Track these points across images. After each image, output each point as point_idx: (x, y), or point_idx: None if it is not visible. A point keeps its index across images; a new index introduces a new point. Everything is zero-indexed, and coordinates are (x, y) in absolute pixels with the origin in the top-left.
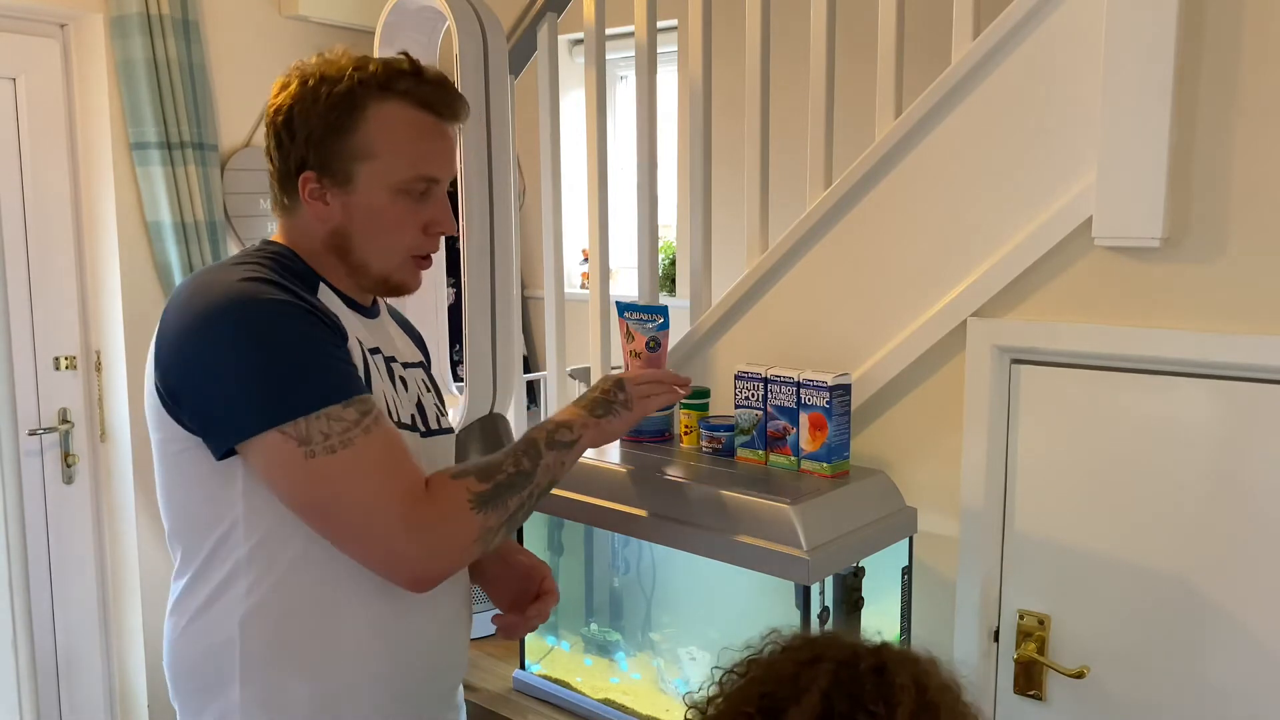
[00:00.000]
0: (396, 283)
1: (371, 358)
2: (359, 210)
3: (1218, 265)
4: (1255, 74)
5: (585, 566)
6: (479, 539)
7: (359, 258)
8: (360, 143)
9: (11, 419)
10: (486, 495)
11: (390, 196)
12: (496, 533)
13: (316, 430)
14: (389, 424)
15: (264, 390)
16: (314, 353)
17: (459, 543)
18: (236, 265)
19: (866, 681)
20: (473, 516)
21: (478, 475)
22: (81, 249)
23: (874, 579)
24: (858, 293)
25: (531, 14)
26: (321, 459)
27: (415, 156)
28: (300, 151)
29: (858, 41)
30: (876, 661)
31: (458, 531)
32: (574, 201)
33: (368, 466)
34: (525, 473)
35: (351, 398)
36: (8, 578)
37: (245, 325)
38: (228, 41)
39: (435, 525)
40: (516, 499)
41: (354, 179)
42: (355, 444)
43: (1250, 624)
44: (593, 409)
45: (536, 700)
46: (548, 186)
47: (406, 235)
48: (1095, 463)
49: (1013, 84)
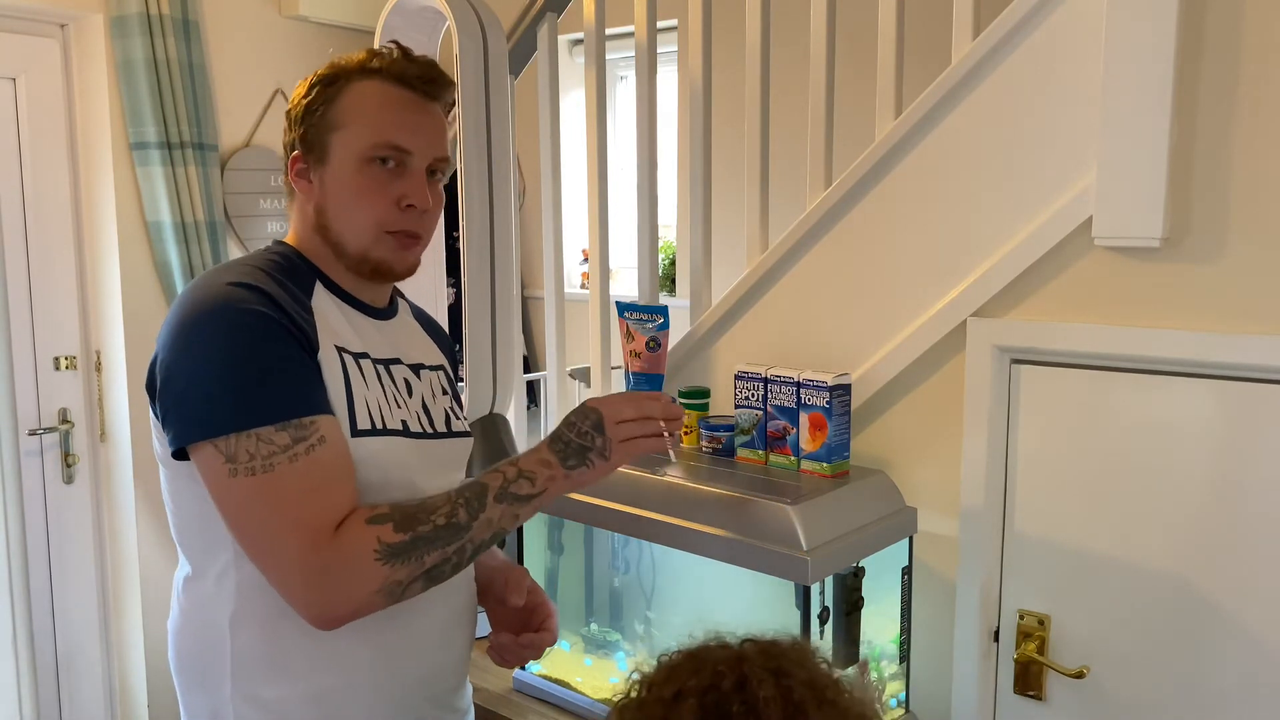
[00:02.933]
0: (376, 260)
1: (356, 362)
2: (331, 183)
3: (1218, 265)
4: (1255, 74)
5: (585, 566)
6: (382, 591)
7: (335, 234)
8: (335, 116)
9: (11, 419)
10: (398, 548)
11: (357, 165)
12: (408, 586)
13: (243, 449)
14: (329, 452)
15: (207, 400)
16: (264, 369)
17: (357, 593)
18: (232, 268)
19: (732, 704)
20: (376, 568)
21: (397, 523)
22: (81, 249)
23: (874, 579)
24: (858, 293)
25: (531, 14)
26: (241, 479)
27: (381, 124)
28: (293, 134)
29: (858, 41)
30: (737, 678)
31: (356, 582)
32: (574, 201)
33: (279, 497)
34: (457, 526)
35: (289, 421)
36: (8, 578)
37: (211, 331)
38: (228, 41)
39: (333, 571)
40: (437, 554)
41: (328, 151)
42: (276, 470)
43: (1250, 624)
44: (564, 457)
45: (536, 700)
46: (548, 186)
47: (376, 207)
48: (1095, 463)
49: (1013, 84)
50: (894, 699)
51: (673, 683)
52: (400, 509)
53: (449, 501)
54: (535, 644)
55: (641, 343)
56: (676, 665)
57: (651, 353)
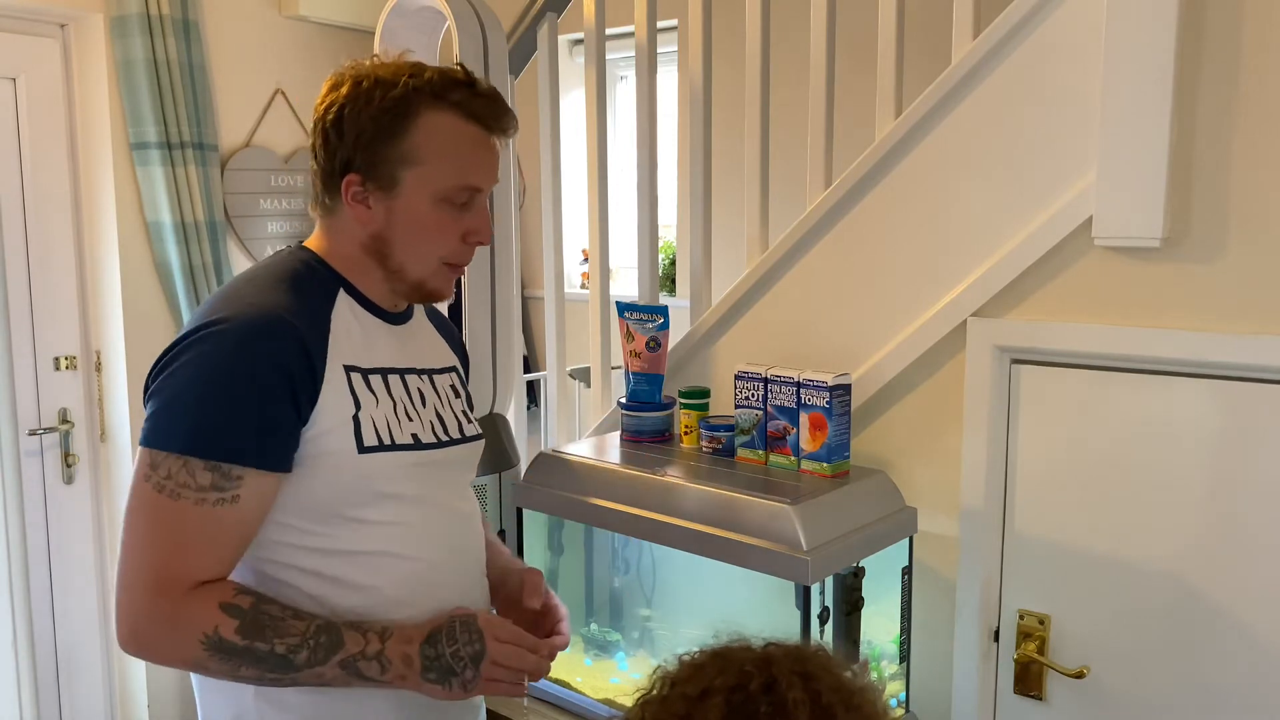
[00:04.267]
0: (430, 290)
1: (365, 380)
2: (401, 215)
3: (1217, 265)
4: (1255, 74)
5: (585, 566)
6: (187, 663)
7: (397, 263)
8: (408, 148)
9: (11, 419)
10: (227, 646)
11: (433, 204)
12: (212, 672)
13: (167, 468)
14: (230, 513)
15: (168, 410)
16: (231, 406)
17: (169, 654)
18: (260, 281)
19: (760, 704)
20: (195, 648)
21: (242, 626)
22: (81, 249)
23: (874, 579)
24: (858, 292)
25: (531, 14)
26: (149, 487)
27: (461, 166)
28: (347, 152)
29: (858, 41)
30: (766, 679)
31: (171, 644)
32: (574, 201)
33: (164, 530)
34: (290, 664)
35: (220, 464)
36: (8, 578)
37: (208, 349)
38: (228, 41)
39: (160, 623)
40: (254, 671)
41: (399, 184)
42: (179, 503)
43: (1250, 623)
44: (427, 668)
45: (537, 700)
46: (548, 186)
47: (446, 243)
48: (1095, 462)
49: (1013, 84)
50: (894, 699)
51: (698, 681)
52: (255, 614)
53: (301, 635)
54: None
55: (641, 342)
56: (702, 664)
57: (651, 352)
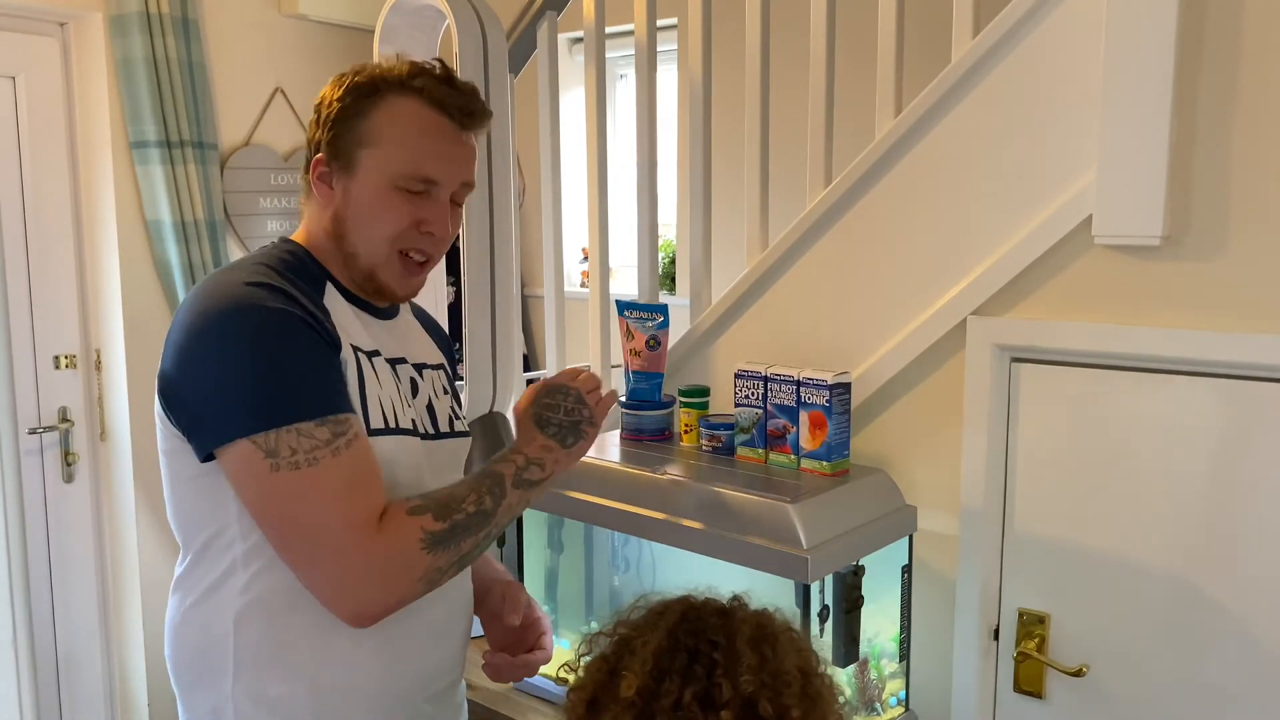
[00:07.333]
0: (382, 282)
1: (369, 361)
2: (355, 195)
3: (1218, 264)
4: (1255, 74)
5: (585, 565)
6: (424, 579)
7: (350, 245)
8: (367, 129)
9: (11, 418)
10: (440, 535)
11: (387, 187)
12: (445, 573)
13: (285, 444)
14: (363, 448)
15: (241, 399)
16: (297, 366)
17: (403, 581)
18: (246, 266)
19: (710, 618)
20: (422, 556)
21: (435, 513)
22: (81, 248)
23: (874, 577)
24: (858, 291)
25: (531, 12)
26: (285, 474)
27: (415, 152)
28: (318, 134)
29: (858, 40)
30: (721, 607)
31: (404, 570)
32: (574, 201)
33: (327, 490)
34: (485, 512)
35: (327, 416)
36: (8, 577)
37: (236, 331)
38: (228, 40)
39: (381, 561)
40: (471, 540)
41: (355, 164)
42: (320, 464)
43: (1249, 623)
44: (563, 438)
45: (537, 700)
46: (548, 186)
47: (394, 226)
48: (1095, 461)
49: (1013, 82)
50: (894, 697)
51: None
52: (433, 499)
53: (473, 490)
54: (530, 664)
55: (641, 341)
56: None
57: (651, 351)
